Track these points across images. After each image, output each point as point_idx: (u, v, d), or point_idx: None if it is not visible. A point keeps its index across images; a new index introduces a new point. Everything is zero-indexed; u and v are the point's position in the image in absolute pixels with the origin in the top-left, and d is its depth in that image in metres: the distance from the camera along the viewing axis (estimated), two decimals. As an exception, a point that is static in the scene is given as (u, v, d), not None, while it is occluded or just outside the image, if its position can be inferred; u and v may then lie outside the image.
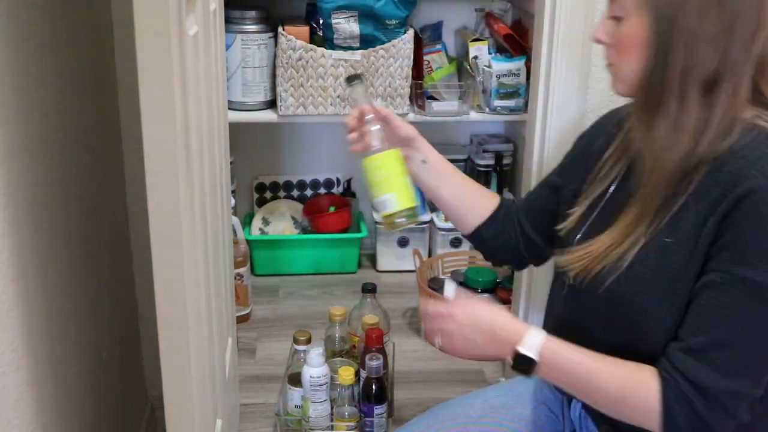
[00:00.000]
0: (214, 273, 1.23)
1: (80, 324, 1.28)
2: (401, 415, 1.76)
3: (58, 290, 1.16)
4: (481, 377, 2.01)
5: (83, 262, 1.31)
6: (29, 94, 1.04)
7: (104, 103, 1.52)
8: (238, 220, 2.19)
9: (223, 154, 1.43)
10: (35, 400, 1.03)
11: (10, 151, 0.96)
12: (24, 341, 0.99)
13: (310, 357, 1.62)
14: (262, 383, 1.93)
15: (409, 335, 2.19)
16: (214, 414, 1.25)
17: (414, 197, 1.27)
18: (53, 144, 1.15)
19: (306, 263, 2.53)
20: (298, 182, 2.63)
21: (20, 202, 0.99)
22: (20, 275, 0.98)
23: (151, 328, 1.63)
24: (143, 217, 0.90)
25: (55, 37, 1.18)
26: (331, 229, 2.50)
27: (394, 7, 2.14)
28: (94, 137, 1.43)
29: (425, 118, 2.27)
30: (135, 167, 1.63)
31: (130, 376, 1.71)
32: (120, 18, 1.54)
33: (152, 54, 0.81)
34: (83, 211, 1.32)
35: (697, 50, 1.01)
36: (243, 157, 2.53)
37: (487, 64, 2.28)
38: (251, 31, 2.18)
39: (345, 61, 2.16)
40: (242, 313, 2.20)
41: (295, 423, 1.67)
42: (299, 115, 2.22)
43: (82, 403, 1.28)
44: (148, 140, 0.84)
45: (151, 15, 0.80)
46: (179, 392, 0.96)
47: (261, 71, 2.21)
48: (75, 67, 1.29)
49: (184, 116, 0.91)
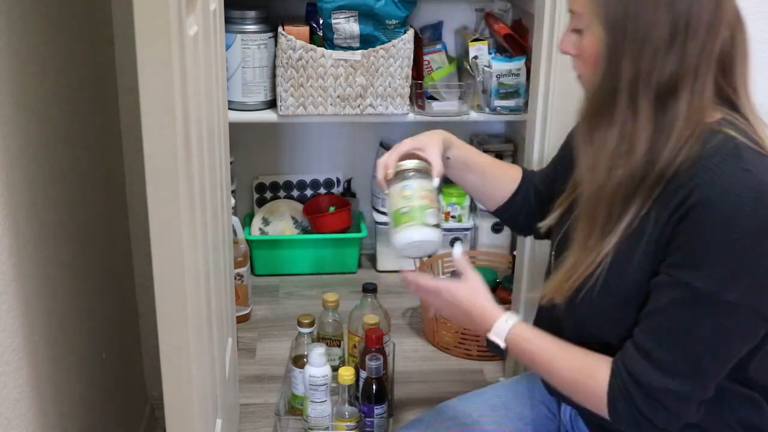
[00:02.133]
0: (214, 273, 1.23)
1: (80, 324, 1.28)
2: (401, 415, 1.76)
3: (58, 290, 1.16)
4: (481, 377, 2.01)
5: (83, 261, 1.31)
6: (29, 94, 1.04)
7: (104, 102, 1.52)
8: (238, 220, 2.19)
9: (223, 154, 1.43)
10: (35, 400, 1.03)
11: (10, 151, 0.96)
12: (24, 341, 0.99)
13: (310, 357, 1.62)
14: (262, 383, 1.93)
15: (410, 335, 2.19)
16: (214, 414, 1.25)
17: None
18: (53, 144, 1.15)
19: (306, 263, 2.53)
20: (298, 182, 2.63)
21: (20, 202, 0.99)
22: (20, 275, 0.98)
23: (151, 328, 1.64)
24: (143, 217, 0.90)
25: (55, 36, 1.18)
26: (331, 229, 2.50)
27: (394, 7, 2.14)
28: (94, 137, 1.43)
29: (425, 118, 2.27)
30: (135, 167, 1.63)
31: (130, 376, 1.71)
32: (120, 18, 1.54)
33: (152, 54, 0.81)
34: (83, 211, 1.32)
35: (650, 58, 1.00)
36: (243, 157, 2.53)
37: (487, 64, 2.28)
38: (251, 31, 2.18)
39: (345, 61, 2.16)
40: (242, 313, 2.20)
41: (294, 403, 1.70)
42: (299, 115, 2.21)
43: (82, 403, 1.28)
44: (148, 140, 0.84)
45: (151, 15, 0.80)
46: (179, 392, 0.96)
47: (261, 71, 2.21)
48: (75, 66, 1.29)
49: (184, 116, 0.90)
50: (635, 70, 1.01)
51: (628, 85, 1.01)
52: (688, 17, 0.99)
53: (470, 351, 2.08)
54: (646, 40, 1.00)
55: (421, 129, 1.34)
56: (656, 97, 1.01)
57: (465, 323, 1.25)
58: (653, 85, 1.01)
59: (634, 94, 1.01)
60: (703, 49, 1.00)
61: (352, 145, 2.60)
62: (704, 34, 1.00)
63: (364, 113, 2.23)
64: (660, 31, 0.99)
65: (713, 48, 1.01)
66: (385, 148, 2.55)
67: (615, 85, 1.02)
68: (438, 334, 2.11)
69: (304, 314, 1.75)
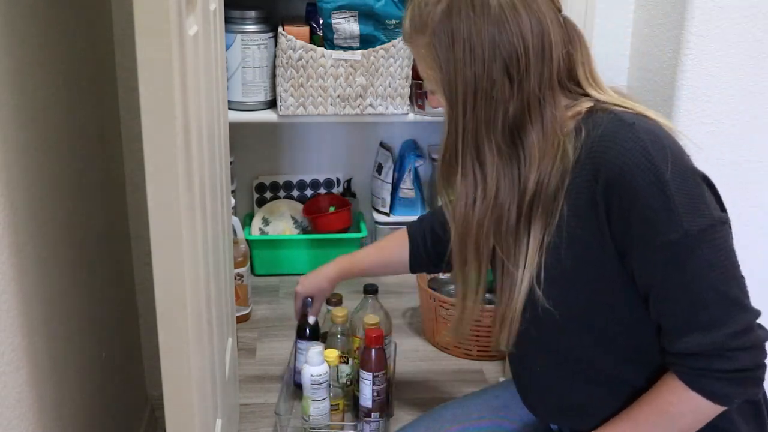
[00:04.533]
0: (214, 273, 1.23)
1: (80, 324, 1.28)
2: (401, 415, 1.76)
3: (58, 290, 1.16)
4: (481, 377, 2.01)
5: (83, 261, 1.31)
6: (29, 95, 1.04)
7: (104, 102, 1.52)
8: (238, 220, 2.19)
9: (223, 154, 1.43)
10: (35, 400, 1.03)
11: (9, 151, 0.96)
12: (24, 341, 0.99)
13: (309, 355, 1.62)
14: (262, 383, 1.93)
15: (410, 335, 2.19)
16: (214, 414, 1.25)
17: None
18: (53, 144, 1.15)
19: (306, 263, 2.53)
20: (298, 182, 2.63)
21: (20, 202, 0.99)
22: (20, 275, 0.98)
23: (151, 328, 1.64)
24: (143, 217, 0.90)
25: (55, 37, 1.18)
26: (331, 229, 2.49)
27: (394, 7, 2.14)
28: (94, 137, 1.43)
29: (425, 118, 2.27)
30: (135, 167, 1.63)
31: (130, 376, 1.71)
32: (120, 18, 1.54)
33: (152, 54, 0.81)
34: (83, 211, 1.32)
35: (487, 108, 1.02)
36: (243, 157, 2.53)
37: (487, 64, 2.28)
38: (251, 31, 2.18)
39: (345, 61, 2.16)
40: (242, 313, 2.20)
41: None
42: (299, 115, 2.21)
43: (82, 403, 1.28)
44: (148, 140, 0.84)
45: (151, 15, 0.80)
46: (179, 392, 0.96)
47: (261, 71, 2.21)
48: (75, 66, 1.29)
49: (184, 116, 0.90)
50: (475, 124, 1.04)
51: (470, 138, 1.04)
52: (517, 56, 1.00)
53: (470, 351, 2.08)
54: (479, 93, 1.02)
55: (422, 129, 1.35)
56: (504, 139, 1.04)
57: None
58: (499, 129, 1.03)
59: (478, 144, 1.04)
60: (541, 80, 1.03)
61: (352, 145, 2.60)
62: (538, 65, 1.02)
63: (364, 113, 2.23)
64: (491, 79, 1.01)
65: (551, 73, 1.03)
66: (386, 148, 2.55)
67: (456, 139, 1.05)
68: (438, 334, 2.11)
69: (332, 293, 1.78)
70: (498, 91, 1.02)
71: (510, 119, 1.03)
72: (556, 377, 1.18)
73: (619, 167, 0.99)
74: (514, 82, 1.01)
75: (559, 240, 1.07)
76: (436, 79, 1.06)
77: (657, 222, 0.99)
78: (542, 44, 1.02)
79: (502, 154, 1.05)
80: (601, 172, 1.00)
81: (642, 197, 0.98)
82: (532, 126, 1.03)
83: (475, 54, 1.01)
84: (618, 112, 1.03)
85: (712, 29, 1.54)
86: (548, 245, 1.07)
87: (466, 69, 1.02)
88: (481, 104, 1.02)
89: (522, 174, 1.05)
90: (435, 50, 1.04)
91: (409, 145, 2.55)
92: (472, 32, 1.01)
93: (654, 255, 1.01)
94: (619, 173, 0.99)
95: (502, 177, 1.05)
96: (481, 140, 1.04)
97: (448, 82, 1.04)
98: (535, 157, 1.04)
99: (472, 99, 1.03)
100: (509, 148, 1.05)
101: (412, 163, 2.48)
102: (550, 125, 1.04)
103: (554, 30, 1.03)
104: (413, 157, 2.48)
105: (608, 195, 1.01)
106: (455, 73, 1.03)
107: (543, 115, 1.03)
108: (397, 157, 2.56)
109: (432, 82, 1.08)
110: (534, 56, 1.01)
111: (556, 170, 1.05)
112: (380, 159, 2.54)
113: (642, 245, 1.01)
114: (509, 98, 1.02)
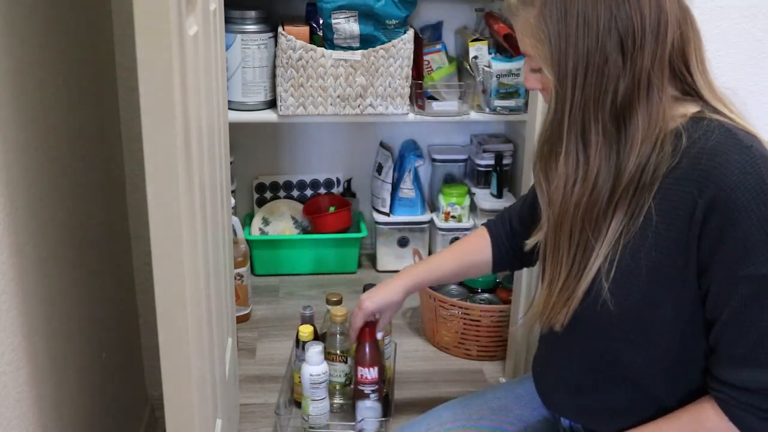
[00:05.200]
0: (214, 273, 1.23)
1: (80, 324, 1.28)
2: (401, 415, 1.76)
3: (58, 290, 1.16)
4: (481, 377, 2.01)
5: (83, 261, 1.31)
6: (29, 95, 1.04)
7: (104, 102, 1.52)
8: (238, 220, 2.19)
9: (223, 154, 1.43)
10: (35, 400, 1.03)
11: (9, 151, 0.96)
12: (24, 341, 0.99)
13: (309, 355, 1.62)
14: (262, 383, 1.93)
15: (410, 335, 2.19)
16: (214, 414, 1.25)
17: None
18: (53, 144, 1.15)
19: (306, 263, 2.53)
20: (298, 182, 2.63)
21: (20, 202, 0.99)
22: (20, 275, 0.98)
23: (151, 328, 1.63)
24: (143, 217, 0.90)
25: (55, 37, 1.18)
26: (331, 229, 2.50)
27: (394, 7, 2.14)
28: (94, 137, 1.42)
29: (425, 118, 2.27)
30: (135, 167, 1.63)
31: (130, 376, 1.71)
32: (120, 18, 1.54)
33: (152, 54, 0.81)
34: (83, 211, 1.32)
35: (597, 84, 0.99)
36: (243, 157, 2.53)
37: (487, 64, 2.28)
38: (251, 31, 2.18)
39: (345, 61, 2.16)
40: (242, 313, 2.21)
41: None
42: (299, 115, 2.21)
43: (82, 403, 1.28)
44: (148, 140, 0.84)
45: (151, 15, 0.80)
46: (179, 392, 0.96)
47: (261, 71, 2.21)
48: (75, 66, 1.29)
49: (184, 116, 0.90)
50: (583, 101, 1.00)
51: (578, 116, 1.01)
52: (633, 32, 0.98)
53: (470, 351, 2.08)
54: (590, 69, 0.99)
55: (422, 129, 1.34)
56: (611, 118, 1.01)
57: None
58: (608, 108, 1.00)
59: (584, 123, 1.01)
60: (654, 58, 0.99)
61: (352, 145, 2.60)
62: (652, 43, 0.99)
63: (364, 113, 2.23)
64: (604, 54, 0.98)
65: (664, 53, 1.01)
66: (385, 148, 2.55)
67: (563, 118, 1.02)
68: (438, 334, 2.11)
69: (333, 292, 1.84)
70: (610, 68, 0.98)
71: (619, 98, 0.99)
72: (583, 375, 1.16)
73: (730, 188, 0.96)
74: (627, 59, 0.98)
75: (642, 241, 1.04)
76: (543, 55, 1.02)
77: (752, 252, 0.97)
78: (659, 21, 0.98)
79: (607, 135, 1.01)
80: (709, 187, 0.98)
81: (745, 223, 0.96)
82: (639, 108, 1.00)
83: (589, 27, 0.97)
84: (731, 127, 1.00)
85: (712, 29, 1.54)
86: (627, 243, 1.05)
87: (579, 42, 0.98)
88: (592, 80, 0.99)
89: (621, 158, 1.02)
90: (545, 22, 1.00)
91: (409, 145, 2.55)
92: (587, 4, 0.97)
93: (737, 283, 0.99)
94: (729, 194, 0.96)
95: (604, 159, 1.02)
96: (588, 119, 1.01)
97: (558, 57, 1.00)
98: (637, 142, 1.01)
99: (582, 74, 0.99)
100: (614, 129, 1.01)
101: (412, 163, 2.48)
102: (655, 110, 1.01)
103: (671, 8, 1.00)
104: (413, 157, 2.48)
105: (709, 211, 0.98)
106: (567, 46, 0.99)
107: (650, 98, 1.00)
108: (397, 157, 2.56)
109: (538, 59, 1.03)
110: (650, 33, 0.98)
111: (652, 163, 1.02)
112: (380, 159, 2.54)
113: (728, 270, 0.99)
114: (620, 75, 0.98)
